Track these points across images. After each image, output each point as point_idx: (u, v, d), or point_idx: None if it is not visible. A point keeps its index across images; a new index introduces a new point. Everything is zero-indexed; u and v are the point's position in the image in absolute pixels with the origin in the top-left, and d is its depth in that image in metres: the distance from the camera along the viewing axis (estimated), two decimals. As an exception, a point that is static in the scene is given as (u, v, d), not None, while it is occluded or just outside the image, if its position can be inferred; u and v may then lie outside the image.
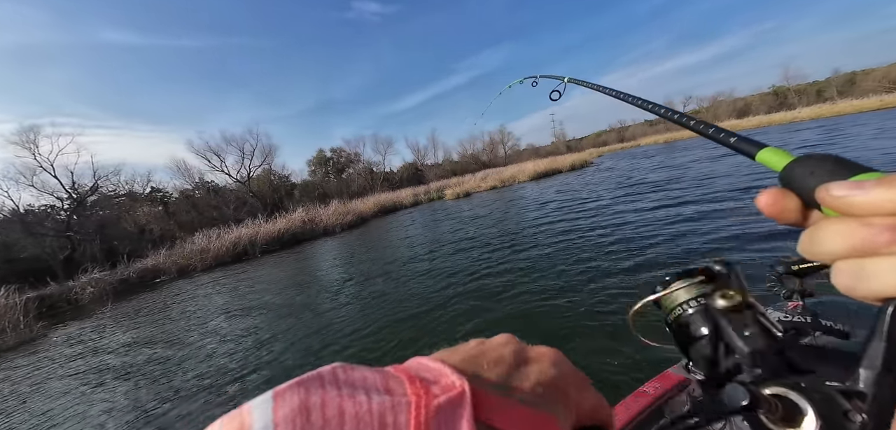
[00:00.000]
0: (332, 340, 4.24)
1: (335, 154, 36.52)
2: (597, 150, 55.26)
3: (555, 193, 14.19)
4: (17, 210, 19.41)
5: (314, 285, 7.32)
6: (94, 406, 3.87)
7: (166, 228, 21.79)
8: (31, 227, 18.67)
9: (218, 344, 4.96)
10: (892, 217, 0.20)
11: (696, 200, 7.41)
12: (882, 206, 0.20)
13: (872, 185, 0.20)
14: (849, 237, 0.20)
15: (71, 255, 18.50)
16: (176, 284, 11.91)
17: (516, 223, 9.08)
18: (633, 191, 10.41)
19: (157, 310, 8.16)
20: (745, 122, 38.20)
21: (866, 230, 0.20)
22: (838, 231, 0.21)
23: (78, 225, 19.98)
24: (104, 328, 7.48)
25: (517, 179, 24.19)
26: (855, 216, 0.21)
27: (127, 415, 3.52)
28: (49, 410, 4.01)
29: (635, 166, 18.51)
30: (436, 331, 3.87)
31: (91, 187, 21.84)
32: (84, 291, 12.69)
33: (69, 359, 5.80)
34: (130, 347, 5.76)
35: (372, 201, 21.80)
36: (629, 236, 5.76)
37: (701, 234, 5.03)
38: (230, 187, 28.22)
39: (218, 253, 14.14)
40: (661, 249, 4.79)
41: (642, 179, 12.84)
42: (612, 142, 73.79)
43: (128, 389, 4.15)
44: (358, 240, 12.95)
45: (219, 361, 4.34)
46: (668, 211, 6.85)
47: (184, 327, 6.17)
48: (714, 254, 4.20)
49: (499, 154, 53.02)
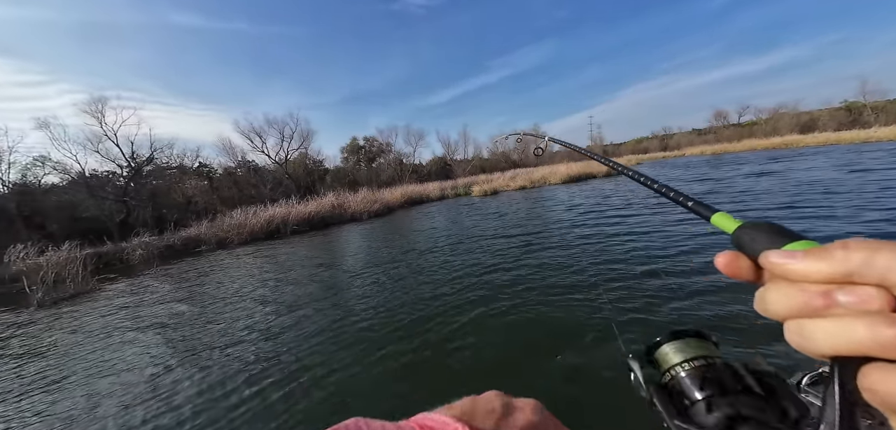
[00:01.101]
0: (349, 312, 4.52)
1: (368, 143, 37.44)
2: (636, 157, 52.60)
3: (584, 197, 13.76)
4: (83, 174, 21.68)
5: (338, 265, 7.62)
6: (135, 347, 4.36)
7: (209, 201, 23.44)
8: (94, 190, 20.80)
9: (248, 309, 5.37)
10: (822, 284, 0.22)
11: (735, 211, 6.99)
12: (810, 274, 0.22)
13: (802, 255, 0.23)
14: (788, 300, 0.23)
15: (126, 218, 20.42)
16: (215, 254, 12.81)
17: (538, 223, 8.95)
18: (662, 201, 9.93)
19: (196, 275, 8.85)
20: (810, 138, 34.70)
21: (802, 295, 0.22)
22: (780, 294, 0.24)
23: (133, 192, 22.00)
24: (150, 287, 8.23)
25: (548, 181, 23.63)
26: (792, 282, 0.23)
27: (163, 357, 3.96)
28: (100, 348, 4.52)
29: (673, 177, 17.55)
30: (445, 315, 4.03)
31: (147, 158, 23.89)
32: (135, 252, 13.97)
33: (118, 309, 6.47)
34: (171, 304, 6.32)
35: (399, 192, 22.19)
36: (648, 245, 5.73)
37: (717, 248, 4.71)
38: (268, 168, 29.81)
39: (253, 229, 15.03)
40: (678, 260, 4.68)
41: (679, 189, 12.19)
42: (654, 150, 69.97)
43: (166, 338, 4.63)
44: (383, 228, 13.28)
45: (247, 322, 4.73)
46: (695, 226, 6.51)
47: (219, 293, 6.66)
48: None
49: (530, 154, 51.96)
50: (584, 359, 2.76)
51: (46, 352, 4.79)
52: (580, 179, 23.71)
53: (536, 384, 2.55)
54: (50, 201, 19.54)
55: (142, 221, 19.86)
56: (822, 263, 0.22)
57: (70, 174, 21.46)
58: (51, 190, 20.46)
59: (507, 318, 3.72)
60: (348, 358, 3.36)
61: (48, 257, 9.89)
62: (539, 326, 3.46)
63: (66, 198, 19.96)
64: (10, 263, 11.23)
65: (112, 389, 3.47)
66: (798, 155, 21.47)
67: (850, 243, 0.22)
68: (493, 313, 3.88)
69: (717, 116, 73.18)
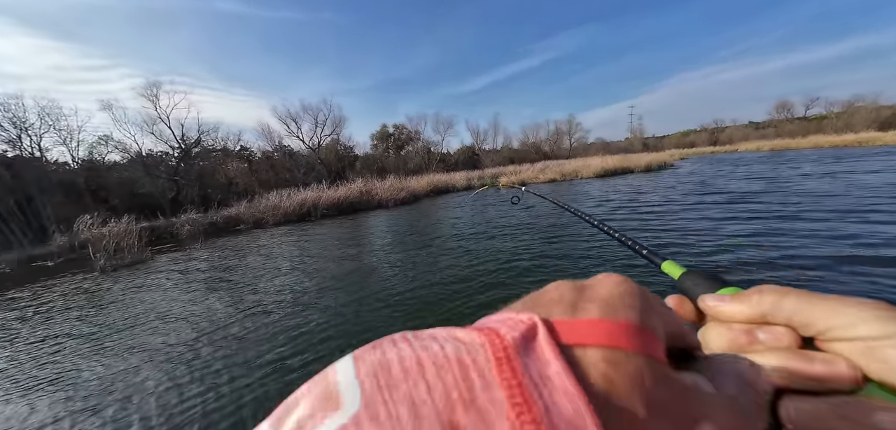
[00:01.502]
0: (374, 289, 4.80)
1: (397, 130, 37.97)
2: (680, 151, 49.10)
3: (616, 192, 13.17)
4: (140, 153, 23.86)
5: (363, 248, 7.91)
6: (183, 307, 4.82)
7: (249, 183, 24.99)
8: (150, 168, 22.87)
9: (281, 282, 5.79)
10: (746, 324, 0.26)
11: (771, 215, 6.56)
12: (735, 315, 0.27)
13: (729, 299, 0.27)
14: (722, 339, 0.27)
15: (176, 196, 22.31)
16: (252, 232, 13.71)
17: (560, 217, 8.69)
18: (703, 199, 9.32)
19: (236, 251, 9.55)
20: (890, 136, 30.64)
21: (730, 334, 0.26)
22: (716, 334, 0.28)
23: (183, 172, 23.92)
24: (196, 259, 9.00)
25: (580, 175, 22.83)
26: (723, 323, 0.28)
27: (206, 318, 4.36)
28: (154, 306, 5.06)
29: (720, 173, 16.23)
30: (460, 296, 4.14)
31: (195, 140, 25.81)
32: (183, 228, 15.26)
33: (169, 276, 7.17)
34: (215, 273, 6.89)
35: (426, 181, 22.40)
36: (679, 242, 5.47)
37: (760, 258, 4.32)
38: (302, 153, 31.20)
39: (286, 211, 15.87)
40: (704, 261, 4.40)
41: (722, 187, 11.34)
42: (702, 144, 65.04)
43: (210, 302, 5.10)
44: (408, 216, 13.52)
45: (279, 294, 5.10)
46: (738, 225, 6.12)
47: (256, 267, 7.16)
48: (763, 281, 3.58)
49: (563, 146, 50.15)
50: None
51: (110, 308, 5.45)
52: (615, 174, 22.66)
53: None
54: (112, 177, 21.76)
55: (190, 199, 21.62)
56: (743, 306, 0.26)
57: (129, 153, 23.72)
58: (113, 167, 22.73)
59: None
60: (364, 333, 3.53)
61: (110, 227, 11.05)
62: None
63: (126, 175, 22.13)
64: (79, 231, 12.72)
65: (163, 336, 3.92)
66: (869, 154, 19.07)
67: (764, 289, 0.26)
68: (511, 298, 3.88)
69: (780, 107, 66.32)
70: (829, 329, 0.22)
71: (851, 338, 0.21)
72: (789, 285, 0.23)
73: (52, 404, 3.01)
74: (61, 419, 2.79)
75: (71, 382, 3.35)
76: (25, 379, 3.53)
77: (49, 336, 4.66)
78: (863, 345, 0.21)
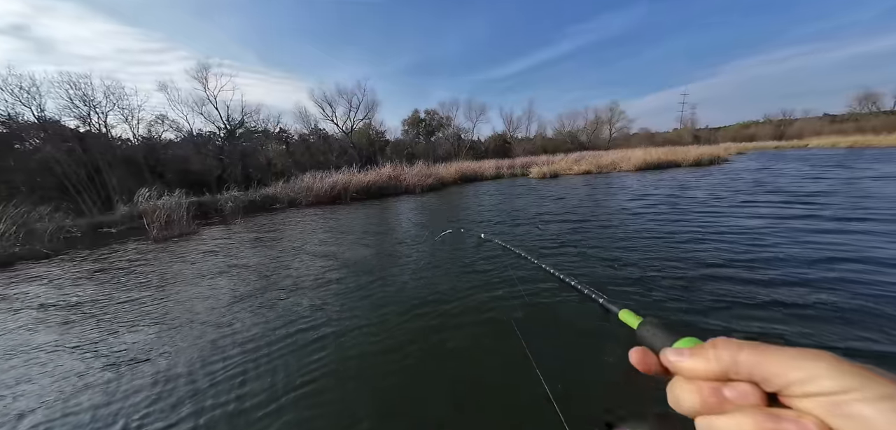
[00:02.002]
0: (395, 270, 4.91)
1: (428, 116, 38.04)
2: (737, 145, 44.83)
3: (654, 188, 12.34)
4: (191, 132, 25.87)
5: (388, 231, 8.14)
6: (225, 274, 5.26)
7: (286, 164, 26.35)
8: (200, 147, 24.76)
9: (312, 258, 6.21)
10: (713, 381, 0.24)
11: (838, 227, 5.67)
12: (697, 372, 0.25)
13: (688, 354, 0.26)
14: (691, 399, 0.25)
15: (221, 174, 24.04)
16: (286, 211, 14.53)
17: (586, 212, 8.34)
18: (755, 198, 8.49)
19: (273, 228, 10.19)
20: None
21: (699, 394, 0.24)
22: (682, 391, 0.26)
23: (228, 151, 25.67)
24: (238, 233, 9.73)
25: (618, 167, 21.68)
26: (687, 379, 0.26)
27: (246, 282, 4.73)
28: (200, 271, 5.58)
29: (781, 171, 14.65)
30: (467, 284, 4.08)
31: (239, 122, 27.52)
32: (226, 205, 16.48)
33: (213, 247, 7.82)
34: (255, 247, 7.42)
35: (454, 168, 22.35)
36: (713, 253, 4.89)
37: (809, 278, 3.84)
38: (336, 136, 32.26)
39: (319, 193, 16.59)
40: (753, 283, 3.86)
41: (778, 186, 10.28)
42: (765, 137, 58.97)
43: (249, 270, 5.52)
44: (433, 202, 13.64)
45: (309, 269, 5.43)
46: (794, 236, 5.42)
47: (292, 242, 7.63)
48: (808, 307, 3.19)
49: (602, 135, 47.67)
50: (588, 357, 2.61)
51: (163, 271, 6.09)
52: (659, 167, 21.26)
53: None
54: (168, 154, 23.85)
55: (234, 177, 23.23)
56: (701, 361, 0.25)
57: (181, 133, 25.79)
58: (168, 145, 24.88)
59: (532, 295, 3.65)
60: (381, 311, 3.67)
61: (163, 201, 12.19)
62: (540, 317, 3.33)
63: (179, 153, 24.16)
64: (138, 203, 14.19)
65: (207, 296, 4.32)
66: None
67: (718, 343, 0.24)
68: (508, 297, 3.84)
69: (863, 99, 58.12)
70: (789, 385, 0.22)
71: (813, 393, 0.21)
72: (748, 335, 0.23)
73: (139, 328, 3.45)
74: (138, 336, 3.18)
75: (149, 314, 3.81)
76: (122, 313, 4.06)
77: (121, 286, 5.30)
78: (826, 400, 0.20)
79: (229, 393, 2.67)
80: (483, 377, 2.59)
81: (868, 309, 3.04)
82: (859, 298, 3.27)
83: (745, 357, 0.23)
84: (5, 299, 5.58)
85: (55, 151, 19.14)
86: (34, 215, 12.57)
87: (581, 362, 2.62)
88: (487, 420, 2.17)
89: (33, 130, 20.00)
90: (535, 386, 2.23)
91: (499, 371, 2.64)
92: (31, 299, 5.44)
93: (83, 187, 19.96)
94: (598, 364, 2.58)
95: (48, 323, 4.35)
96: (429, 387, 2.56)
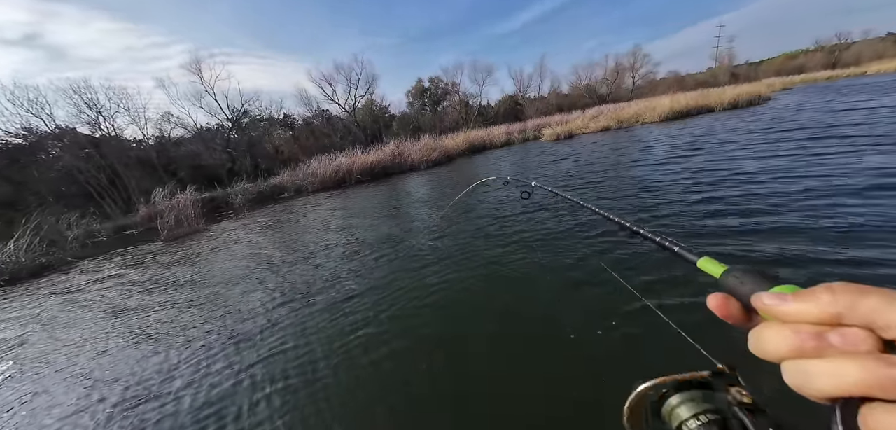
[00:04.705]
0: (398, 252, 4.99)
1: (433, 84, 37.22)
2: (782, 79, 41.00)
3: (676, 139, 11.58)
4: (197, 127, 26.66)
5: (394, 214, 8.22)
6: (231, 268, 5.56)
7: (292, 151, 26.84)
8: (208, 141, 25.58)
9: (318, 248, 6.39)
10: (815, 325, 0.24)
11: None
12: (802, 315, 0.24)
13: (791, 298, 0.25)
14: (784, 341, 0.25)
15: (231, 167, 24.86)
16: (293, 201, 14.94)
17: (596, 176, 8.01)
18: (779, 145, 7.81)
19: (279, 218, 10.57)
20: None
21: (796, 337, 0.24)
22: (776, 335, 0.25)
23: (235, 143, 26.39)
24: (247, 226, 10.16)
25: (641, 119, 20.53)
26: (784, 323, 0.25)
27: (250, 275, 5.00)
28: (204, 267, 5.93)
29: (832, 107, 13.24)
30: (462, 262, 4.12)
31: (243, 111, 28.01)
32: (237, 198, 17.14)
33: (218, 243, 8.24)
34: (260, 239, 7.78)
35: (461, 138, 21.98)
36: (742, 210, 4.49)
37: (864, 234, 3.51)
38: (340, 117, 32.35)
39: (324, 178, 16.88)
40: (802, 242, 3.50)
41: (826, 125, 9.24)
42: (815, 68, 53.57)
43: (254, 264, 5.84)
44: (439, 178, 13.58)
45: (316, 257, 5.63)
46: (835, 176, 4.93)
47: (295, 233, 7.91)
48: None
49: (625, 85, 44.98)
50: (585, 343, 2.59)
51: (171, 267, 6.52)
52: (688, 115, 19.93)
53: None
54: (180, 152, 24.85)
55: (244, 169, 24.01)
56: (811, 305, 0.24)
57: (187, 128, 26.62)
58: (178, 142, 25.85)
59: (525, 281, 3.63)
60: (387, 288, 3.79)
61: (169, 202, 12.80)
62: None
63: (191, 149, 25.10)
64: (155, 202, 15.03)
65: (209, 286, 4.62)
66: None
67: (836, 287, 0.24)
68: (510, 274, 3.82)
69: (939, 8, 51.03)
70: None
71: None
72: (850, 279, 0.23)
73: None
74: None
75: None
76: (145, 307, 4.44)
77: (138, 282, 5.75)
78: None
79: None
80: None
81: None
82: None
83: (870, 302, 0.22)
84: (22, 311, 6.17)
85: (74, 158, 20.39)
86: (62, 223, 13.64)
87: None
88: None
89: (51, 140, 21.28)
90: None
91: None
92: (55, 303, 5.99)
93: (106, 191, 21.30)
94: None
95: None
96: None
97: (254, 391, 2.81)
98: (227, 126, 27.29)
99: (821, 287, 0.24)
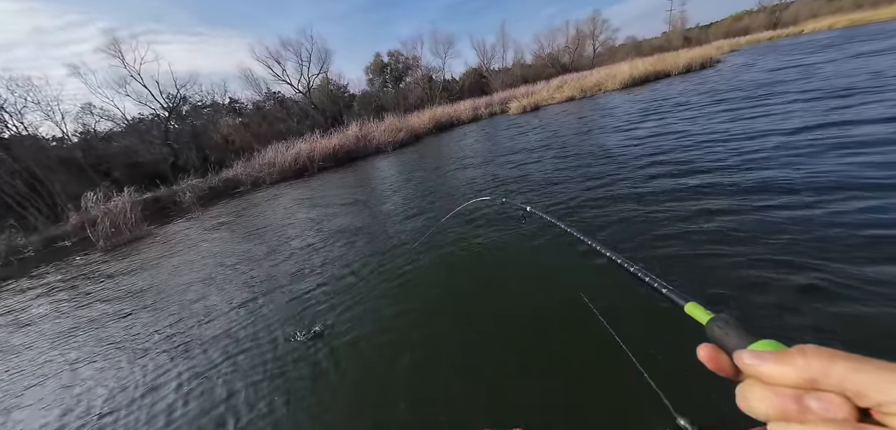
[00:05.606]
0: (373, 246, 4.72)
1: (392, 58, 35.86)
2: (730, 42, 43.57)
3: (641, 106, 12.02)
4: (126, 119, 24.04)
5: (360, 204, 7.87)
6: (179, 275, 5.08)
7: (244, 139, 25.06)
8: (143, 134, 23.26)
9: (280, 244, 6.03)
10: (794, 389, 0.24)
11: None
12: (781, 378, 0.25)
13: (771, 359, 0.26)
14: (767, 404, 0.25)
15: (175, 161, 22.87)
16: (250, 195, 14.02)
17: (557, 147, 8.13)
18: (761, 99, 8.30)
19: (234, 216, 9.85)
20: None
21: (778, 400, 0.24)
22: (759, 396, 0.26)
23: (176, 134, 24.19)
24: (193, 229, 9.38)
25: (603, 87, 21.08)
26: (765, 384, 0.26)
27: (210, 278, 4.58)
28: (148, 278, 5.41)
29: (778, 64, 14.25)
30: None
31: (181, 98, 25.54)
32: (185, 195, 15.83)
33: (163, 250, 7.55)
34: (216, 242, 7.18)
35: (427, 116, 21.52)
36: (691, 180, 4.71)
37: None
38: (294, 99, 30.47)
39: (282, 168, 15.95)
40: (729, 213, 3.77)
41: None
42: (758, 29, 57.38)
43: (212, 267, 5.33)
44: (406, 160, 13.25)
45: (277, 257, 5.20)
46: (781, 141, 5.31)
47: (257, 228, 7.38)
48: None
49: (586, 53, 45.84)
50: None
51: (107, 280, 5.88)
52: (647, 81, 20.67)
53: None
54: (111, 149, 22.41)
55: (190, 163, 22.13)
56: (788, 368, 0.24)
57: (115, 121, 23.96)
58: (109, 137, 23.30)
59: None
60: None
61: (103, 206, 11.55)
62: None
63: (124, 144, 22.70)
64: (87, 209, 13.49)
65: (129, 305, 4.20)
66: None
67: (808, 351, 0.24)
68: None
69: (863, -32, 56.00)
70: (888, 402, 0.21)
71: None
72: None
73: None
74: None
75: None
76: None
77: (71, 300, 5.13)
78: None
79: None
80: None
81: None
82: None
83: (839, 368, 0.22)
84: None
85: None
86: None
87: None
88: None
89: (-53, 145, 18.42)
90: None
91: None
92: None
93: (27, 200, 18.89)
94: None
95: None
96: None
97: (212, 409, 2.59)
98: (164, 115, 24.84)
99: (795, 350, 0.25)
